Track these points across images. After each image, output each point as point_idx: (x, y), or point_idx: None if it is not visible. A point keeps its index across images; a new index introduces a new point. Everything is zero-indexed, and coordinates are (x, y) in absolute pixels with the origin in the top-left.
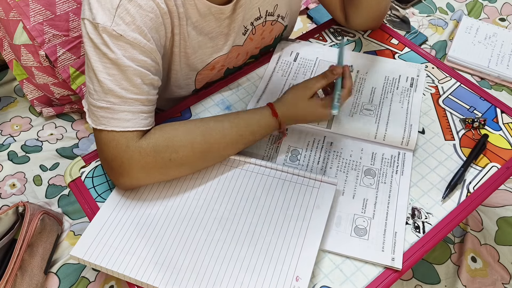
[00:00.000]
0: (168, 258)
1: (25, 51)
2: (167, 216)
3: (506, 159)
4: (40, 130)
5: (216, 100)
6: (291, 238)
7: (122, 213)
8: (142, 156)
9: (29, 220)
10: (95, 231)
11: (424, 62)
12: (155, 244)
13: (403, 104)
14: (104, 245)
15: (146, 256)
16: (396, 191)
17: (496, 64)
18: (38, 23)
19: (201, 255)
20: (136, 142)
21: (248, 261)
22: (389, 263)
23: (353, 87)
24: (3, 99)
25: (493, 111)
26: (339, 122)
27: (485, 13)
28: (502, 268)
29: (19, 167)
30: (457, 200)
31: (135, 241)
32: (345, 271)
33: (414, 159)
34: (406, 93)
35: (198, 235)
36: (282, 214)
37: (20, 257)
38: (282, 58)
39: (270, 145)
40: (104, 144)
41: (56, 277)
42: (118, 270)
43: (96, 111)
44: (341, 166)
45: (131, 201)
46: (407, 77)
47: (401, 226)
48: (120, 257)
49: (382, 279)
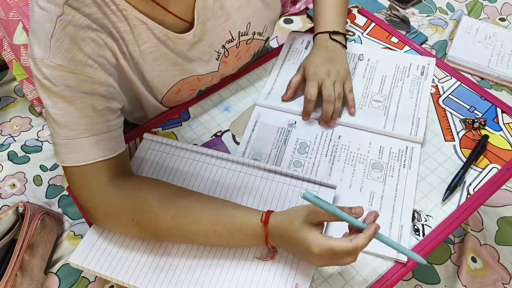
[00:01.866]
0: (167, 265)
1: (25, 51)
2: None
3: (507, 160)
4: (40, 130)
5: (215, 102)
6: None
7: None
8: (104, 203)
9: (29, 220)
10: (94, 238)
11: None
12: (154, 250)
13: (412, 94)
14: (103, 252)
15: (145, 262)
16: (403, 184)
17: (496, 64)
18: None
19: (200, 262)
20: (101, 184)
21: (248, 269)
22: (395, 256)
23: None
24: (3, 99)
25: (493, 111)
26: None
27: (485, 13)
28: (502, 268)
29: (19, 167)
30: (457, 202)
31: (134, 248)
32: (344, 275)
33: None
34: (416, 82)
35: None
36: None
37: (20, 257)
38: (293, 46)
39: (278, 137)
40: (70, 179)
41: (56, 277)
42: (118, 277)
43: (57, 148)
44: (349, 159)
45: None
46: (417, 65)
47: (407, 219)
48: (119, 264)
49: (382, 283)
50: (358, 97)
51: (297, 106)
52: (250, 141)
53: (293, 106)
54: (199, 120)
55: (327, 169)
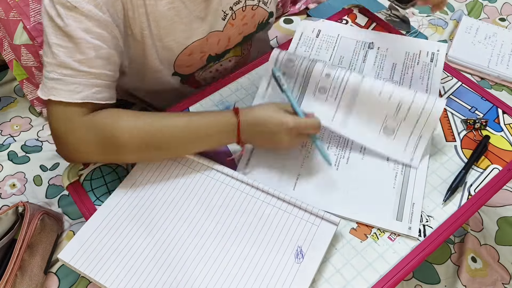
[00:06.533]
0: (157, 274)
1: (25, 51)
2: (161, 229)
3: (508, 161)
4: (40, 130)
5: (215, 101)
6: (280, 275)
7: (115, 221)
8: (84, 131)
9: (29, 220)
10: (85, 237)
11: None
12: (142, 256)
13: (423, 80)
14: (91, 252)
15: (130, 268)
16: (415, 165)
17: (496, 64)
18: (38, 22)
19: (195, 271)
20: (81, 117)
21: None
22: (406, 232)
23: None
24: (3, 99)
25: (494, 111)
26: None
27: (485, 13)
28: (502, 268)
29: (19, 167)
30: (458, 203)
31: (122, 252)
32: (345, 276)
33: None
34: (426, 68)
35: (189, 250)
36: (276, 246)
37: (20, 257)
38: (305, 34)
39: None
40: (51, 115)
41: (56, 277)
42: (100, 280)
43: (47, 82)
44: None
45: (127, 207)
46: (427, 51)
47: (419, 197)
48: (105, 267)
49: (383, 283)
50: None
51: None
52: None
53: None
54: None
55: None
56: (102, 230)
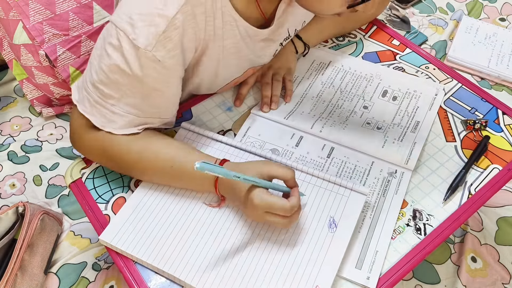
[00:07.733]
0: (195, 253)
1: (25, 51)
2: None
3: (508, 161)
4: (40, 130)
5: (218, 102)
6: (316, 245)
7: (152, 200)
8: (97, 144)
9: (29, 220)
10: (124, 217)
11: (425, 63)
12: (183, 236)
13: (413, 119)
14: (131, 231)
15: (170, 245)
16: (387, 208)
17: (496, 64)
18: (37, 22)
19: (236, 243)
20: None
21: (268, 268)
22: (363, 282)
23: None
24: (3, 99)
25: (494, 112)
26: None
27: (485, 13)
28: (502, 268)
29: (19, 167)
30: (458, 202)
31: (161, 230)
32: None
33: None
34: (421, 111)
35: (221, 235)
36: (309, 219)
37: (20, 257)
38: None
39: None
40: (76, 123)
41: (56, 277)
42: (142, 257)
43: (107, 113)
44: (340, 173)
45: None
46: (426, 95)
47: (384, 246)
48: (145, 245)
49: (382, 282)
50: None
51: (294, 121)
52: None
53: (291, 121)
54: (201, 120)
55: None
56: (141, 209)
